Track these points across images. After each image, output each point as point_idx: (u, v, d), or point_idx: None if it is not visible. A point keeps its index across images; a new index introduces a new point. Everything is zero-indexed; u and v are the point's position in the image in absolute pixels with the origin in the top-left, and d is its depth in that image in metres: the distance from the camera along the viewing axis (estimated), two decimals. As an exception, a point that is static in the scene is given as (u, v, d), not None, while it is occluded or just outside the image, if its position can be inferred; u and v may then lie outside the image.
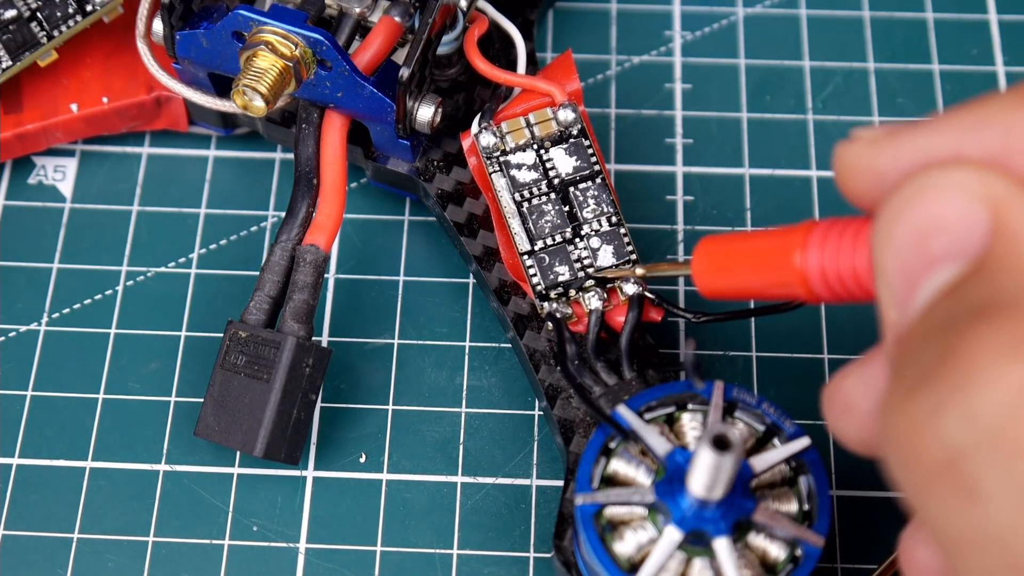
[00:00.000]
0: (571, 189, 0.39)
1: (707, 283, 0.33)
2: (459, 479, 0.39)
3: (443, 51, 0.41)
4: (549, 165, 0.39)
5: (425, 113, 0.39)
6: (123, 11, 0.42)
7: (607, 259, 0.38)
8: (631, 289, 0.37)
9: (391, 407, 0.40)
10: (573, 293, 0.38)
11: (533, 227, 0.38)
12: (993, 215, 0.25)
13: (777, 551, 0.33)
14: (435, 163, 0.41)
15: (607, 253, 0.38)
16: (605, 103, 0.45)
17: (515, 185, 0.39)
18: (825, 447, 0.39)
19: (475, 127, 0.39)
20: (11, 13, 0.41)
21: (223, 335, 0.38)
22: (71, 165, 0.44)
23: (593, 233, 0.38)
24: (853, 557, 0.38)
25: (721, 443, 0.29)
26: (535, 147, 0.39)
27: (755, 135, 0.44)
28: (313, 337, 0.38)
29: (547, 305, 0.38)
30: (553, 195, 0.39)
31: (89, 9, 0.41)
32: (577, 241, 0.38)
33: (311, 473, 0.39)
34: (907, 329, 0.26)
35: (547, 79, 0.40)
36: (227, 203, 0.43)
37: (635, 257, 0.38)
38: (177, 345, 0.41)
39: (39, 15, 0.41)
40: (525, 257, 0.38)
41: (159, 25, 0.39)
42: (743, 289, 0.32)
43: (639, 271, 0.37)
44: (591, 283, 0.38)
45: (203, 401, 0.38)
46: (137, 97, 0.43)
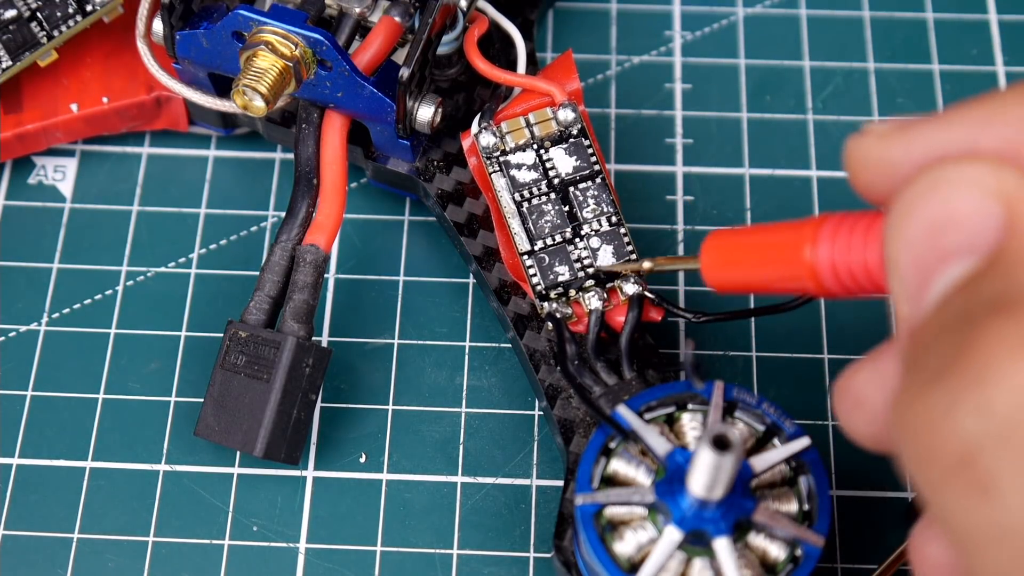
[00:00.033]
0: (571, 189, 0.39)
1: (716, 277, 0.33)
2: (459, 479, 0.39)
3: (443, 51, 0.41)
4: (549, 165, 0.39)
5: (425, 113, 0.39)
6: (123, 11, 0.42)
7: (607, 259, 0.38)
8: (631, 289, 0.37)
9: (391, 407, 0.40)
10: (573, 293, 0.38)
11: (533, 227, 0.38)
12: (1007, 210, 0.25)
13: (777, 551, 0.33)
14: (435, 163, 0.41)
15: (607, 253, 0.38)
16: (605, 103, 0.45)
17: (515, 185, 0.39)
18: (825, 447, 0.39)
19: (475, 127, 0.39)
20: (11, 13, 0.41)
21: (223, 335, 0.38)
22: (71, 165, 0.44)
23: (593, 233, 0.38)
24: (853, 557, 0.38)
25: (721, 443, 0.29)
26: (535, 147, 0.39)
27: (755, 135, 0.44)
28: (313, 337, 0.38)
29: (547, 305, 0.38)
30: (553, 195, 0.39)
31: (89, 9, 0.41)
32: (577, 241, 0.38)
33: (311, 473, 0.39)
34: (920, 323, 0.26)
35: (547, 79, 0.40)
36: (227, 203, 0.43)
37: (635, 257, 0.38)
38: (177, 345, 0.41)
39: (39, 15, 0.41)
40: (525, 257, 0.38)
41: (159, 25, 0.39)
42: (752, 283, 0.32)
43: (647, 265, 0.36)
44: (591, 283, 0.38)
45: (203, 401, 0.38)
46: (137, 97, 0.43)
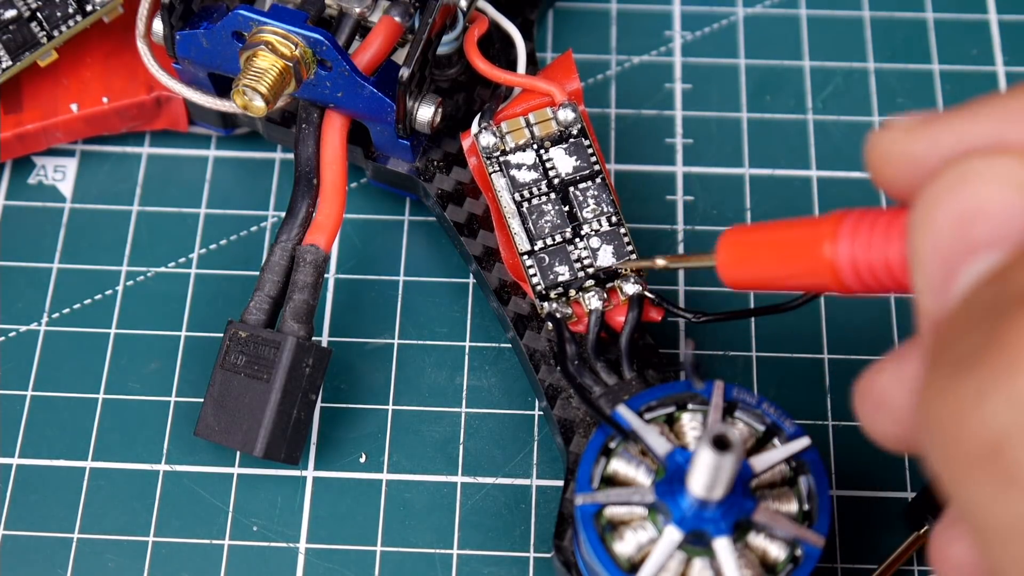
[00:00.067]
0: (571, 189, 0.39)
1: (732, 274, 0.33)
2: (459, 479, 0.39)
3: (443, 51, 0.41)
4: (549, 165, 0.39)
5: (425, 113, 0.39)
6: (123, 11, 0.42)
7: (607, 259, 0.38)
8: (631, 289, 0.37)
9: (391, 407, 0.40)
10: (573, 293, 0.38)
11: (533, 227, 0.38)
12: None
13: (777, 551, 0.33)
14: (435, 163, 0.41)
15: (607, 253, 0.38)
16: (605, 103, 0.45)
17: (515, 185, 0.39)
18: (825, 447, 0.39)
19: (475, 127, 0.39)
20: (11, 13, 0.41)
21: (223, 335, 0.38)
22: (71, 165, 0.44)
23: (593, 233, 0.38)
24: (853, 557, 0.38)
25: (721, 443, 0.29)
26: (535, 147, 0.39)
27: (755, 135, 0.44)
28: (313, 337, 0.38)
29: (547, 305, 0.38)
30: (553, 195, 0.39)
31: (89, 9, 0.41)
32: (577, 241, 0.38)
33: (311, 473, 0.39)
34: (945, 316, 0.25)
35: (547, 79, 0.40)
36: (227, 203, 0.43)
37: (635, 257, 0.38)
38: (177, 345, 0.41)
39: (39, 15, 0.41)
40: (525, 257, 0.38)
41: (159, 25, 0.39)
42: (769, 280, 0.32)
43: (660, 262, 0.36)
44: (591, 283, 0.38)
45: (203, 401, 0.38)
46: (137, 97, 0.43)
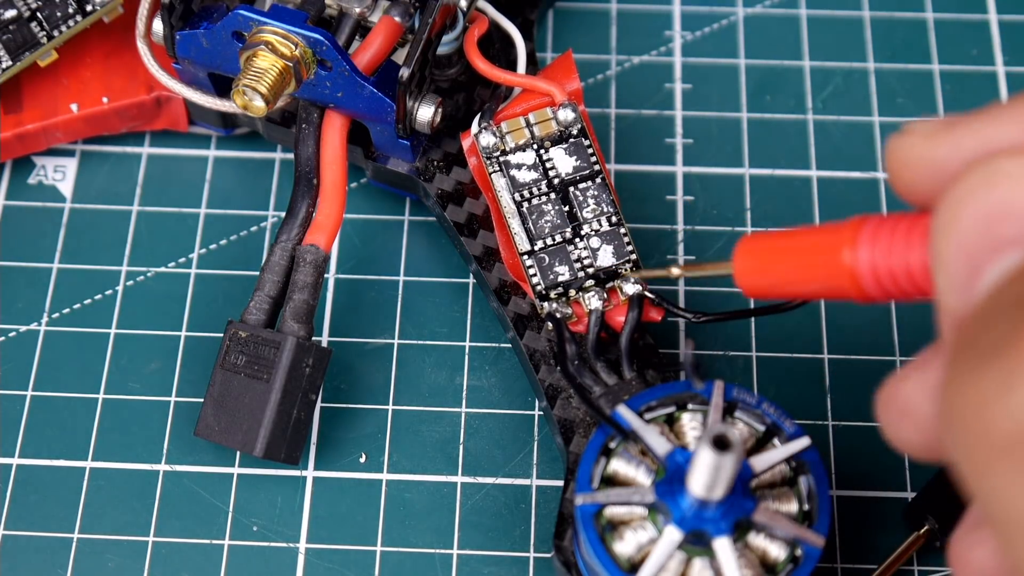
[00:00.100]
0: (571, 189, 0.39)
1: (750, 282, 0.33)
2: (459, 479, 0.39)
3: (443, 51, 0.41)
4: (549, 165, 0.39)
5: (425, 113, 0.39)
6: (123, 11, 0.42)
7: (607, 259, 0.38)
8: (631, 289, 0.37)
9: (391, 407, 0.40)
10: (573, 293, 0.38)
11: (533, 227, 0.38)
12: None
13: (777, 551, 0.33)
14: (435, 163, 0.41)
15: (607, 253, 0.38)
16: (605, 103, 0.45)
17: (515, 185, 0.39)
18: (825, 447, 0.39)
19: (475, 127, 0.39)
20: (11, 13, 0.41)
21: (223, 335, 0.38)
22: (71, 165, 0.44)
23: (593, 233, 0.38)
24: (853, 557, 0.38)
25: (721, 443, 0.29)
26: (535, 147, 0.39)
27: (755, 135, 0.44)
28: (313, 337, 0.38)
29: (547, 305, 0.38)
30: (553, 195, 0.39)
31: (89, 9, 0.41)
32: (577, 241, 0.38)
33: (311, 473, 0.39)
34: (970, 312, 0.25)
35: (547, 79, 0.40)
36: (227, 203, 0.43)
37: (635, 257, 0.38)
38: (177, 345, 0.41)
39: (39, 15, 0.41)
40: (525, 257, 0.38)
41: (159, 25, 0.39)
42: (788, 288, 0.32)
43: (675, 271, 0.36)
44: (591, 283, 0.38)
45: (203, 401, 0.38)
46: (137, 97, 0.43)
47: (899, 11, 0.47)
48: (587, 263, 0.38)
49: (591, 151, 0.39)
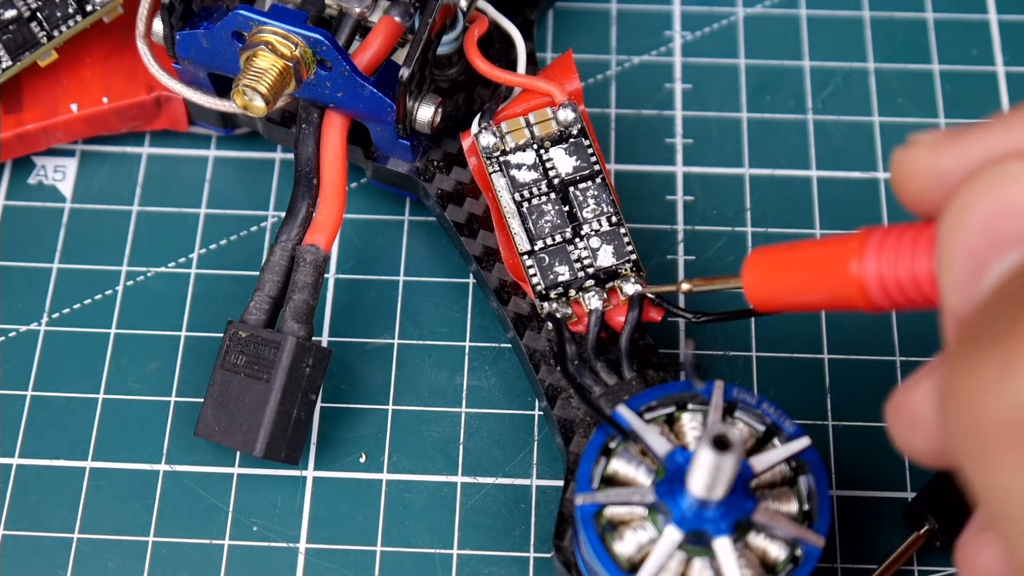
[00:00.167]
0: (571, 189, 0.39)
1: (759, 296, 0.33)
2: (459, 479, 0.39)
3: (443, 51, 0.41)
4: (549, 165, 0.39)
5: (425, 113, 0.39)
6: (123, 11, 0.42)
7: (607, 259, 0.38)
8: (631, 289, 0.37)
9: (391, 407, 0.40)
10: (573, 293, 0.38)
11: (533, 227, 0.38)
12: None
13: (777, 551, 0.33)
14: (435, 163, 0.41)
15: (607, 253, 0.38)
16: (605, 103, 0.45)
17: (515, 185, 0.39)
18: (825, 447, 0.39)
19: (475, 127, 0.39)
20: (11, 13, 0.41)
21: (223, 335, 0.38)
22: (71, 165, 0.44)
23: (593, 233, 0.38)
24: (853, 557, 0.38)
25: (721, 443, 0.29)
26: (535, 147, 0.39)
27: (755, 135, 0.44)
28: (313, 337, 0.38)
29: (547, 305, 0.38)
30: (553, 195, 0.39)
31: (89, 9, 0.41)
32: (577, 241, 0.38)
33: (311, 473, 0.39)
34: (972, 309, 0.25)
35: (547, 79, 0.40)
36: (227, 203, 0.43)
37: (635, 257, 0.38)
38: (177, 345, 0.41)
39: (39, 15, 0.41)
40: (525, 257, 0.38)
41: (159, 25, 0.39)
42: (797, 300, 0.32)
43: (685, 287, 0.36)
44: (591, 283, 0.38)
45: (203, 401, 0.38)
46: (137, 97, 0.43)
47: (899, 11, 0.47)
48: (587, 263, 0.38)
49: (591, 151, 0.39)
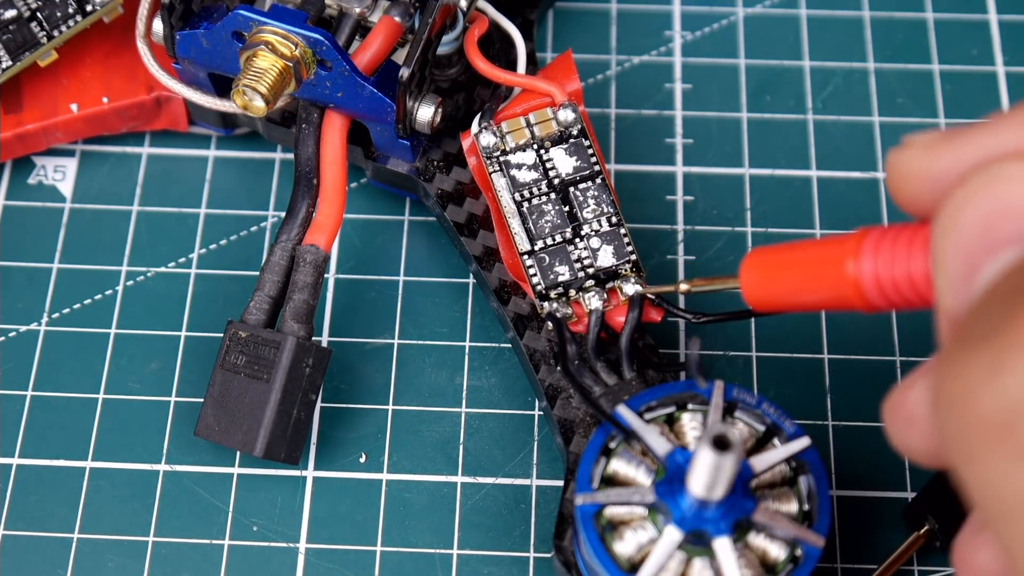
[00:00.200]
0: (571, 189, 0.39)
1: (756, 296, 0.33)
2: (459, 479, 0.39)
3: (443, 51, 0.41)
4: (549, 165, 0.39)
5: (425, 113, 0.39)
6: (123, 11, 0.42)
7: (607, 259, 0.38)
8: (631, 289, 0.37)
9: (391, 407, 0.40)
10: (573, 293, 0.38)
11: (533, 227, 0.38)
12: None
13: (777, 551, 0.33)
14: (435, 163, 0.41)
15: (607, 253, 0.38)
16: (605, 103, 0.45)
17: (515, 185, 0.39)
18: (825, 447, 0.39)
19: (475, 127, 0.39)
20: (11, 13, 0.41)
21: (223, 335, 0.38)
22: (71, 165, 0.44)
23: (593, 233, 0.38)
24: (853, 557, 0.37)
25: (721, 443, 0.29)
26: (535, 147, 0.39)
27: (755, 135, 0.44)
28: (313, 337, 0.38)
29: (547, 305, 0.38)
30: (553, 195, 0.39)
31: (89, 9, 0.41)
32: (577, 241, 0.38)
33: (311, 473, 0.39)
34: (966, 309, 0.25)
35: (547, 79, 0.40)
36: (227, 203, 0.43)
37: (635, 257, 0.38)
38: (177, 345, 0.41)
39: (39, 15, 0.41)
40: (525, 257, 0.38)
41: (159, 25, 0.39)
42: (794, 300, 0.32)
43: (684, 287, 0.36)
44: (591, 283, 0.38)
45: (203, 401, 0.38)
46: (137, 97, 0.43)
47: (899, 11, 0.47)
48: (587, 263, 0.38)
49: (591, 151, 0.39)
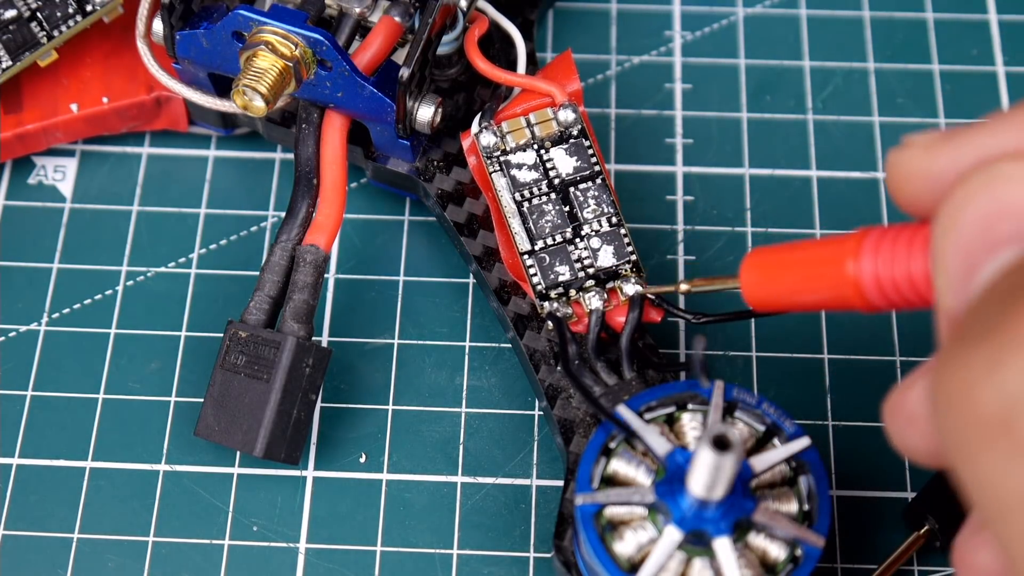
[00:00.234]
0: (571, 189, 0.39)
1: (756, 296, 0.33)
2: (459, 479, 0.39)
3: (443, 51, 0.41)
4: (549, 165, 0.39)
5: (425, 113, 0.39)
6: (123, 11, 0.42)
7: (607, 259, 0.38)
8: (631, 289, 0.37)
9: (391, 407, 0.40)
10: (573, 293, 0.38)
11: (533, 227, 0.38)
12: None
13: (777, 551, 0.33)
14: (435, 163, 0.41)
15: (607, 253, 0.38)
16: (605, 103, 0.45)
17: (515, 185, 0.39)
18: (825, 447, 0.39)
19: (475, 127, 0.39)
20: (11, 13, 0.41)
21: (223, 335, 0.38)
22: (71, 165, 0.44)
23: (593, 233, 0.38)
24: (853, 557, 0.37)
25: (721, 443, 0.29)
26: (535, 147, 0.39)
27: (755, 135, 0.44)
28: (313, 337, 0.38)
29: (547, 305, 0.38)
30: (553, 195, 0.39)
31: (89, 9, 0.41)
32: (577, 241, 0.38)
33: (311, 473, 0.39)
34: (965, 308, 0.25)
35: (547, 79, 0.40)
36: (227, 203, 0.43)
37: (635, 258, 0.38)
38: (177, 345, 0.41)
39: (39, 15, 0.41)
40: (525, 257, 0.38)
41: (159, 25, 0.39)
42: (794, 300, 0.32)
43: (684, 287, 0.36)
44: (591, 283, 0.38)
45: (203, 401, 0.38)
46: (137, 97, 0.43)
47: (899, 11, 0.47)
48: (587, 263, 0.38)
49: (591, 152, 0.39)
